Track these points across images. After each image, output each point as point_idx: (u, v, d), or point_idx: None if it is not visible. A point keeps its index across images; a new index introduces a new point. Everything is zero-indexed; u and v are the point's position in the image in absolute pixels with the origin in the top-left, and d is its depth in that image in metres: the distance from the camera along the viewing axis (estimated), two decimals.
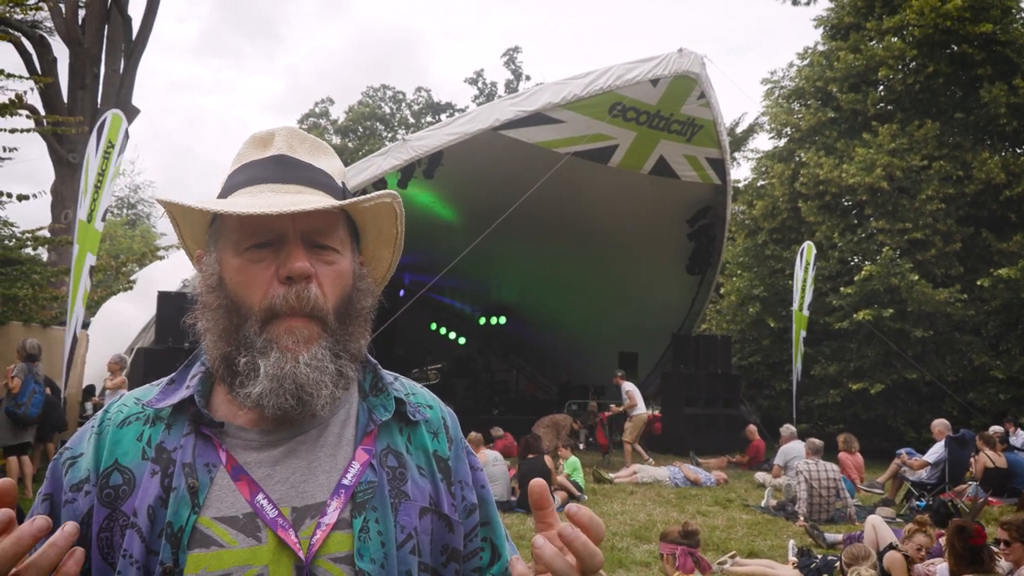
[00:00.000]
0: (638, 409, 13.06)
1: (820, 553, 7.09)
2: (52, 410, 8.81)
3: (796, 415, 14.45)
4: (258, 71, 78.56)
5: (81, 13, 15.56)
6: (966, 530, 4.95)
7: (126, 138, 9.41)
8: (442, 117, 35.12)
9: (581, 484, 10.06)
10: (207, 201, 1.10)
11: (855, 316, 15.27)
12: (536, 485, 0.93)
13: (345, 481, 1.07)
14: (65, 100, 14.92)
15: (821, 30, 19.32)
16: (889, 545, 6.22)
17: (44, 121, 13.68)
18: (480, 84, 37.68)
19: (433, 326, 22.86)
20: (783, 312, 16.72)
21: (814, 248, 15.06)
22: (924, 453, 10.35)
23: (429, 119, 37.02)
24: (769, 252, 18.36)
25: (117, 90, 15.68)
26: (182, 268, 12.09)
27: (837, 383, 16.26)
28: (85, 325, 12.75)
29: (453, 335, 23.29)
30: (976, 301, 15.50)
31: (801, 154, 18.00)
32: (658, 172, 14.48)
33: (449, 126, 11.92)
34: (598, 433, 13.84)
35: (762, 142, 42.60)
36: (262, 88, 76.91)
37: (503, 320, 22.13)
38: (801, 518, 8.69)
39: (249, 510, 1.02)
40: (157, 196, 1.16)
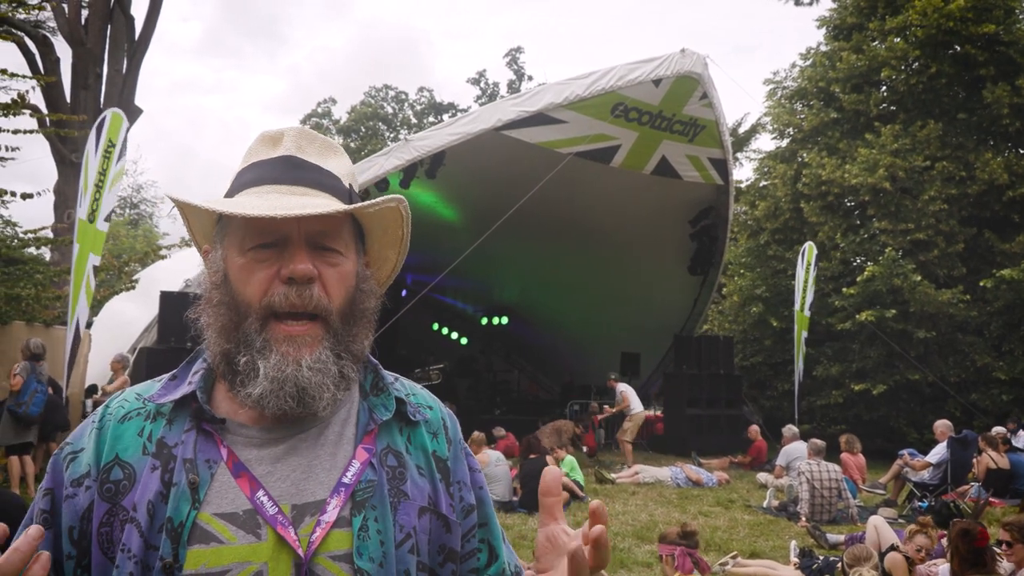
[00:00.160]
0: (635, 409, 13.07)
1: (822, 554, 7.09)
2: (54, 409, 8.80)
3: (798, 416, 14.43)
4: (260, 71, 78.67)
5: (84, 13, 15.58)
6: (970, 532, 4.94)
7: (127, 137, 9.40)
8: (444, 117, 35.13)
9: (581, 482, 10.07)
10: (213, 201, 1.11)
11: (857, 317, 15.25)
12: (550, 473, 0.96)
13: (345, 479, 1.08)
14: (68, 100, 14.93)
15: (824, 30, 19.32)
16: (891, 546, 6.21)
17: (47, 121, 13.70)
18: (482, 84, 37.70)
19: (435, 326, 22.85)
20: (785, 312, 16.70)
21: (815, 248, 15.05)
22: (926, 454, 10.34)
23: (431, 119, 37.03)
24: (771, 252, 18.34)
25: (120, 90, 15.70)
26: (184, 268, 12.10)
27: (839, 384, 16.24)
28: (88, 325, 12.77)
29: (455, 335, 23.29)
30: (979, 302, 15.47)
31: (804, 154, 17.99)
32: (660, 172, 14.47)
33: (451, 126, 11.92)
34: (587, 436, 13.84)
35: (764, 142, 42.65)
36: (264, 88, 77.04)
37: (505, 320, 22.12)
38: (803, 519, 8.69)
39: (249, 507, 1.03)
40: (167, 192, 1.17)
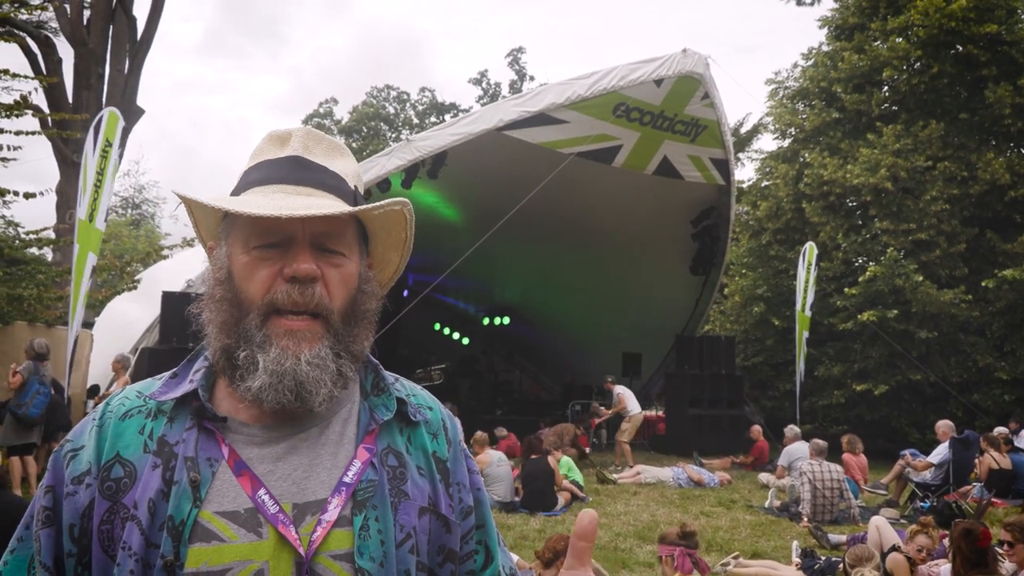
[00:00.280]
0: (632, 410, 13.07)
1: (824, 554, 7.09)
2: (56, 410, 8.81)
3: (800, 416, 14.42)
4: (262, 71, 78.71)
5: (86, 13, 15.61)
6: (973, 532, 4.94)
7: (124, 136, 9.40)
8: (446, 117, 35.13)
9: (580, 482, 10.06)
10: (220, 199, 1.12)
11: (859, 317, 15.24)
12: (587, 516, 1.00)
13: (346, 479, 1.08)
14: (70, 100, 14.96)
15: (825, 30, 19.30)
16: (893, 547, 6.20)
17: (49, 121, 13.71)
18: (484, 84, 37.68)
19: (437, 326, 22.86)
20: (787, 312, 16.69)
21: (815, 248, 15.04)
22: (928, 454, 10.32)
23: (433, 119, 37.02)
24: (773, 253, 18.33)
25: (122, 90, 15.73)
26: (186, 268, 12.10)
27: (841, 384, 16.23)
28: (89, 325, 12.79)
29: (457, 335, 23.30)
30: (981, 302, 15.46)
31: (805, 154, 17.98)
32: (662, 172, 14.47)
33: (453, 126, 11.93)
34: (581, 438, 13.86)
35: (766, 143, 42.69)
36: (266, 88, 77.07)
37: (507, 320, 22.12)
38: (805, 519, 8.68)
39: (251, 505, 1.03)
40: (174, 189, 1.18)
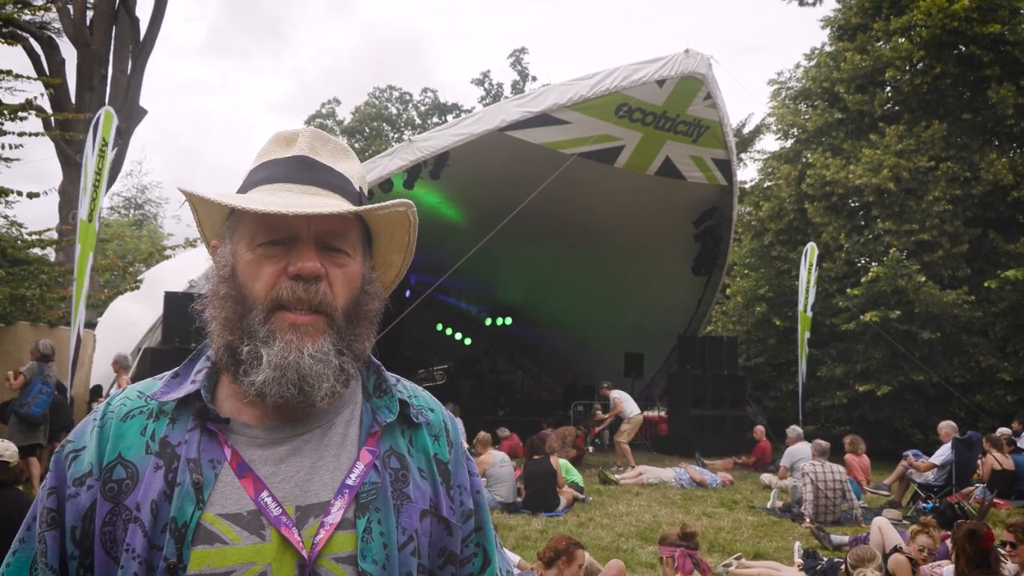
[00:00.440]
0: (630, 412, 13.06)
1: (826, 555, 7.08)
2: (59, 410, 8.84)
3: (802, 416, 14.41)
4: (265, 72, 78.68)
5: (89, 14, 15.62)
6: (978, 533, 4.93)
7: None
8: (448, 118, 35.11)
9: (580, 483, 10.05)
10: (226, 196, 1.12)
11: (862, 317, 15.23)
12: (615, 567, 0.99)
13: (349, 481, 1.08)
14: (73, 101, 14.97)
15: (828, 31, 19.28)
16: (895, 547, 6.19)
17: (52, 122, 13.73)
18: (486, 85, 37.66)
19: (439, 327, 22.86)
20: (789, 313, 16.67)
21: (816, 249, 15.03)
22: (931, 455, 10.30)
23: (435, 120, 37.01)
24: (775, 253, 18.32)
25: (124, 91, 15.74)
26: (189, 268, 12.11)
27: (844, 384, 16.21)
28: (92, 325, 12.79)
29: (459, 336, 23.29)
30: (983, 303, 15.43)
31: (808, 155, 17.96)
32: (664, 173, 14.47)
33: (455, 127, 11.94)
34: (577, 440, 13.88)
35: (769, 143, 42.53)
36: (269, 89, 77.02)
37: (509, 321, 22.11)
38: (807, 520, 8.67)
39: (253, 507, 1.03)
40: (179, 186, 1.18)
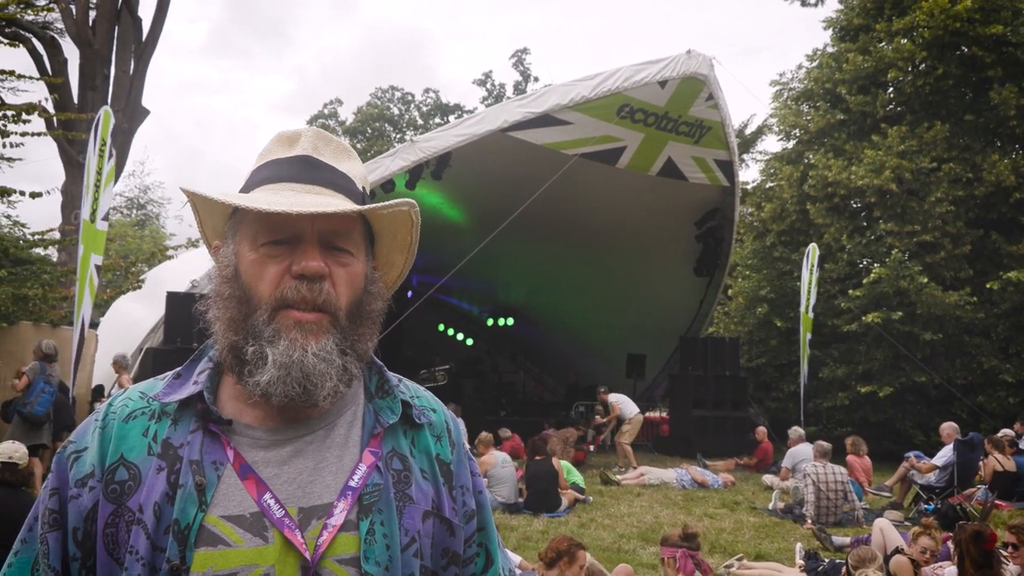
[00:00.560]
0: (630, 413, 13.07)
1: (827, 556, 7.08)
2: (61, 410, 8.86)
3: (804, 418, 14.40)
4: (267, 71, 78.76)
5: (92, 14, 15.63)
6: (982, 535, 4.93)
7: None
8: (450, 118, 35.12)
9: (581, 485, 10.05)
10: (230, 195, 1.12)
11: (864, 319, 15.21)
12: (624, 571, 0.98)
13: (352, 483, 1.08)
14: (75, 101, 14.98)
15: (830, 32, 19.27)
16: (896, 549, 6.19)
17: (55, 122, 13.74)
18: (488, 85, 37.67)
19: (441, 327, 22.86)
20: (791, 314, 16.66)
21: (818, 250, 15.02)
22: (933, 456, 10.29)
23: (437, 120, 37.03)
24: (777, 254, 18.30)
25: (127, 91, 15.74)
26: (191, 268, 12.12)
27: (845, 386, 16.19)
28: (94, 325, 12.80)
29: (461, 336, 23.30)
30: (985, 304, 15.41)
31: (810, 156, 17.93)
32: (666, 174, 14.46)
33: (457, 127, 11.94)
34: (578, 454, 13.87)
35: (771, 144, 42.51)
36: (271, 89, 77.06)
37: (511, 321, 22.11)
38: (808, 521, 8.67)
39: (256, 509, 1.03)
40: (181, 186, 1.18)
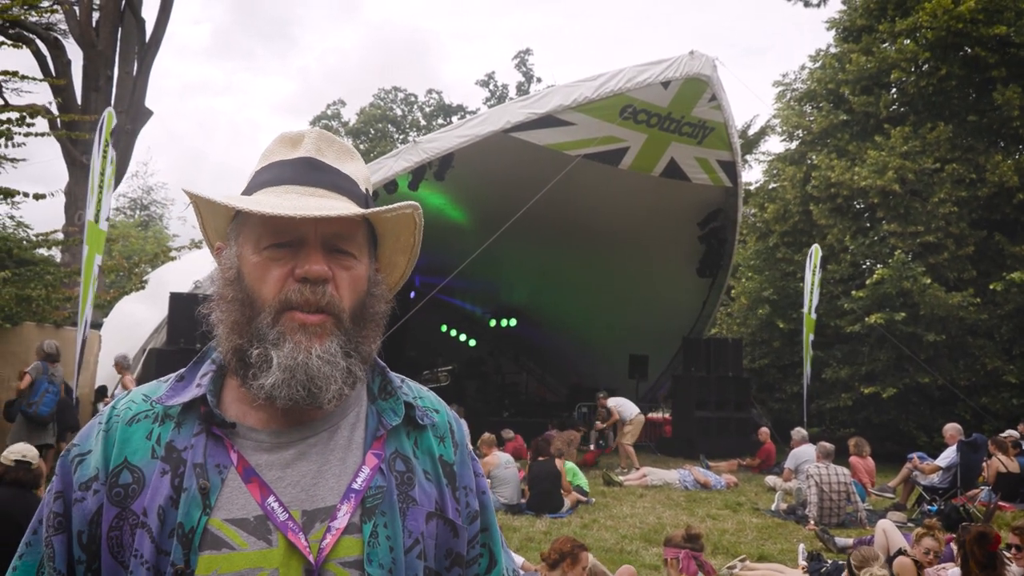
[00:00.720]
0: (631, 415, 13.07)
1: (830, 557, 7.07)
2: (65, 410, 8.87)
3: (807, 419, 14.38)
4: (270, 73, 78.89)
5: (95, 15, 15.67)
6: (986, 536, 4.92)
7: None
8: (453, 119, 35.14)
9: (584, 487, 10.05)
10: (233, 197, 1.12)
11: (867, 319, 15.18)
12: (627, 571, 0.98)
13: (355, 485, 1.08)
14: (79, 102, 15.02)
15: (833, 32, 19.25)
16: (899, 550, 6.18)
17: (58, 123, 13.78)
18: (491, 86, 37.71)
19: (443, 328, 22.87)
20: (793, 315, 16.65)
21: (821, 251, 15.01)
22: (936, 457, 10.29)
23: (440, 121, 37.05)
24: (780, 255, 18.28)
25: (130, 92, 15.78)
26: (194, 269, 12.13)
27: (849, 387, 16.17)
28: (97, 325, 12.83)
29: (463, 337, 23.31)
30: (989, 305, 15.38)
31: (813, 157, 17.91)
32: (669, 174, 14.46)
33: (460, 128, 11.95)
34: (587, 456, 13.88)
35: (774, 145, 42.43)
36: (274, 90, 77.30)
37: (513, 322, 22.11)
38: (811, 522, 8.66)
39: (260, 512, 1.03)
40: (184, 187, 1.18)
